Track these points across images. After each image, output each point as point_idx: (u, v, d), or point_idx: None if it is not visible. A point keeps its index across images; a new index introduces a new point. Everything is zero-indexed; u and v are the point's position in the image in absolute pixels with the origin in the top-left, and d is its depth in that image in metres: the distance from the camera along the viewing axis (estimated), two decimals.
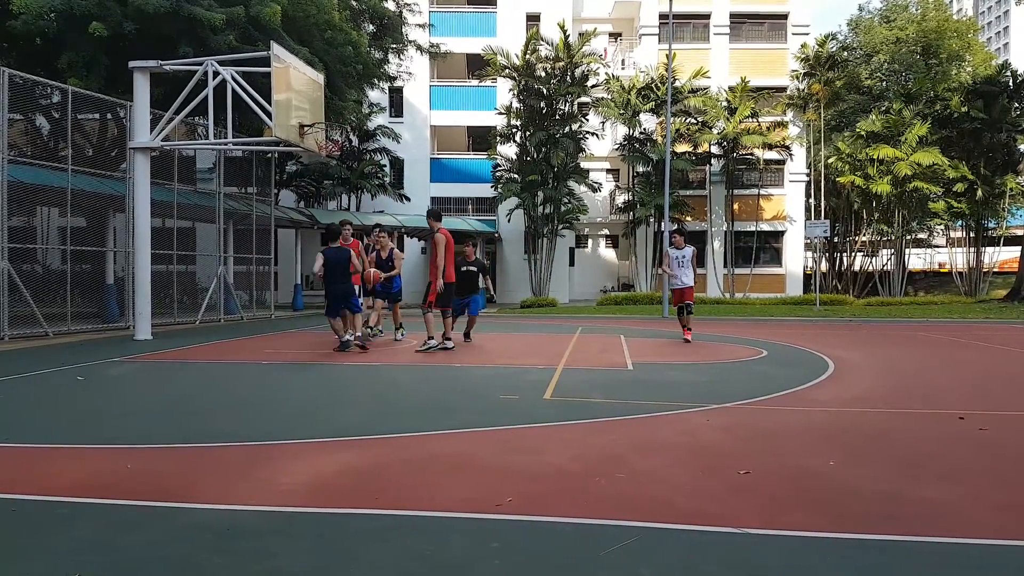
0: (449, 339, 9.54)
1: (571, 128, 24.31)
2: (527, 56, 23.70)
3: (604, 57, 26.51)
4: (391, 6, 20.54)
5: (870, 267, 32.48)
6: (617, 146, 26.69)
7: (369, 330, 10.76)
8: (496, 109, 25.26)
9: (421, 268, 28.03)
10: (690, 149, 26.44)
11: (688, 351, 10.06)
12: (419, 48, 22.25)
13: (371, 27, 19.85)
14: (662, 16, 25.54)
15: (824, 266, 32.93)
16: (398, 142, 25.73)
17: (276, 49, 10.60)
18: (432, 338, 9.34)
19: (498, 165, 25.11)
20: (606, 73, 25.93)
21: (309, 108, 11.53)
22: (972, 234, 29.61)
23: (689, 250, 10.91)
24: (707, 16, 27.97)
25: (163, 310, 13.95)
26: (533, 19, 27.39)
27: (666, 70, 21.41)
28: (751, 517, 3.00)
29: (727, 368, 8.20)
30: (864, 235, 32.02)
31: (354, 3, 18.35)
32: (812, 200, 30.37)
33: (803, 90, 27.74)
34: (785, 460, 3.99)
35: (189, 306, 15.34)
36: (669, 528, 2.87)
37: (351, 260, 9.12)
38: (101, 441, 4.37)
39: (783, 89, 28.06)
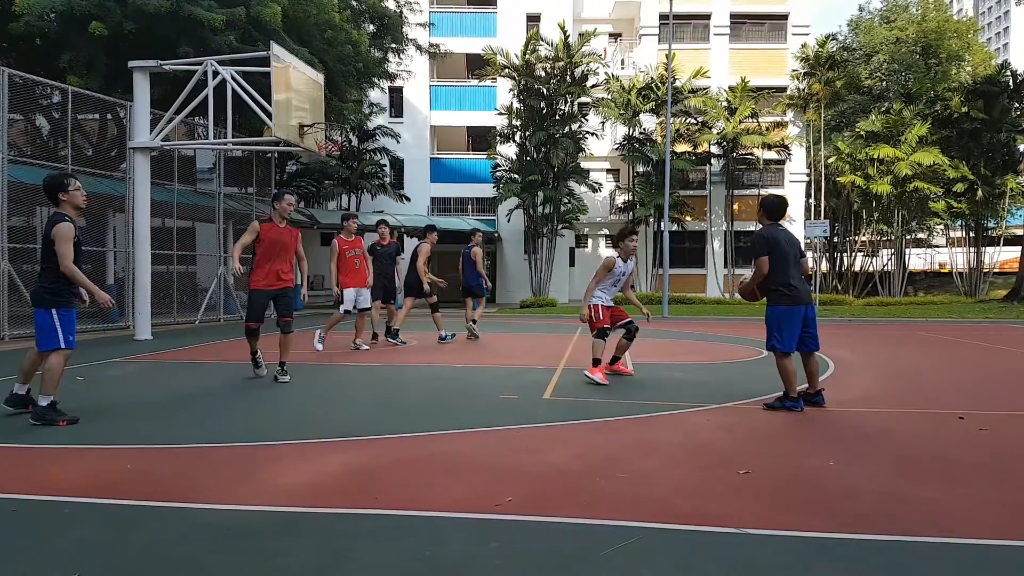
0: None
1: (571, 128, 24.30)
2: (527, 56, 23.69)
3: (604, 57, 26.50)
4: (391, 5, 20.54)
5: (870, 267, 32.51)
6: (617, 146, 26.69)
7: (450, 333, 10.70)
8: (496, 109, 25.25)
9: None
10: (690, 149, 26.43)
11: (689, 351, 10.05)
12: (419, 48, 22.25)
13: (371, 27, 19.85)
14: (662, 16, 25.55)
15: (824, 266, 32.94)
16: (398, 142, 25.72)
17: (276, 49, 10.60)
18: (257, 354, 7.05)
19: (498, 165, 25.12)
20: (606, 73, 25.92)
21: (309, 108, 11.53)
22: (972, 234, 29.62)
23: (630, 265, 7.17)
24: (707, 16, 27.98)
25: (163, 310, 13.95)
26: (533, 19, 27.39)
27: (666, 70, 21.41)
28: (751, 517, 3.00)
29: (727, 368, 8.20)
30: (864, 235, 32.05)
31: (354, 3, 18.35)
32: (812, 200, 30.39)
33: (803, 90, 27.76)
34: (785, 460, 3.99)
35: (189, 306, 15.34)
36: (669, 528, 2.87)
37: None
38: (101, 441, 4.37)
39: (783, 89, 28.07)
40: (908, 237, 30.03)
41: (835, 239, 33.63)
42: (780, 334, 5.38)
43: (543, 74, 24.01)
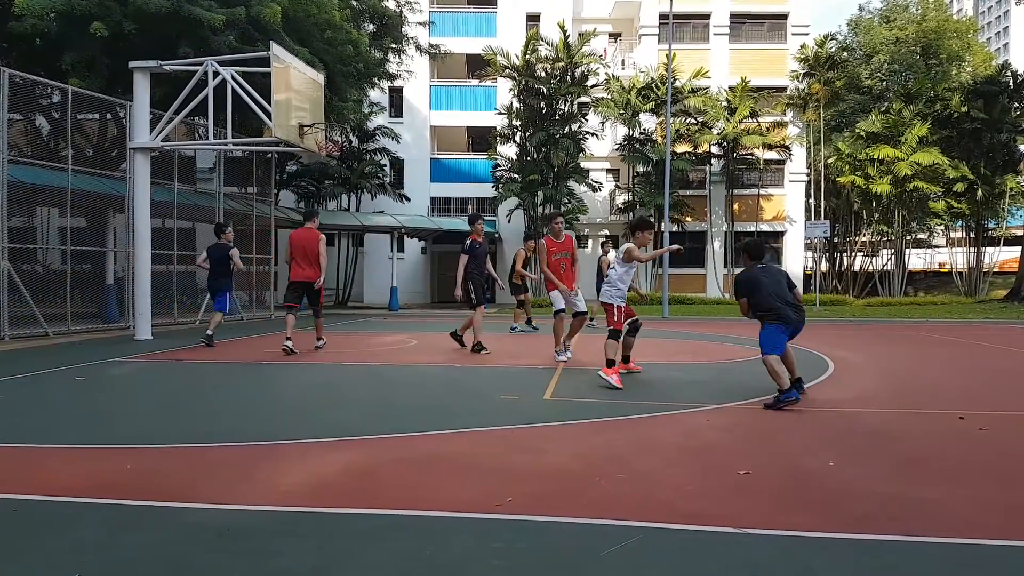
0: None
1: (571, 128, 24.29)
2: (527, 56, 23.69)
3: (604, 57, 26.49)
4: (391, 5, 20.54)
5: (870, 267, 32.50)
6: (617, 146, 26.68)
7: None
8: (496, 109, 25.25)
9: (420, 268, 28.04)
10: (690, 149, 26.42)
11: (689, 351, 10.06)
12: (419, 48, 22.26)
13: (371, 27, 19.85)
14: (662, 16, 25.53)
15: (824, 266, 32.92)
16: (398, 142, 25.72)
17: (276, 49, 10.59)
18: None
19: (498, 165, 25.11)
20: (606, 73, 25.92)
21: (309, 108, 11.52)
22: (972, 234, 29.62)
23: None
24: (707, 16, 27.96)
25: (163, 310, 13.95)
26: (533, 19, 27.39)
27: (666, 70, 21.41)
28: (751, 517, 2.99)
29: (727, 368, 8.20)
30: (864, 235, 32.02)
31: (354, 3, 18.34)
32: (812, 200, 30.36)
33: (803, 90, 27.74)
34: (785, 460, 3.98)
35: (189, 306, 15.34)
36: (669, 528, 2.87)
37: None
38: (101, 441, 4.37)
39: (783, 89, 28.05)
40: (908, 237, 30.01)
41: (835, 239, 33.60)
42: (771, 345, 5.85)
43: (543, 74, 23.99)
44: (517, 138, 24.53)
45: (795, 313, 5.97)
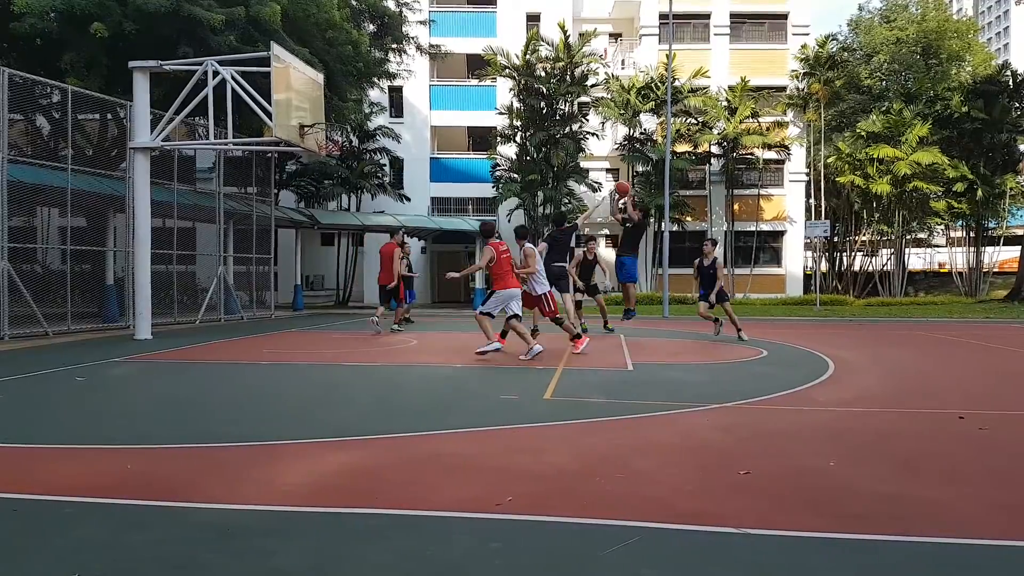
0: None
1: (571, 128, 24.27)
2: (527, 56, 23.67)
3: (604, 57, 26.48)
4: (391, 5, 20.54)
5: (870, 267, 32.47)
6: (617, 146, 26.68)
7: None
8: (496, 109, 25.23)
9: (420, 268, 28.04)
10: (690, 149, 26.40)
11: (689, 351, 10.06)
12: (419, 48, 22.25)
13: (371, 26, 19.85)
14: (662, 16, 25.51)
15: (824, 266, 32.89)
16: (398, 142, 25.71)
17: (276, 49, 10.60)
18: None
19: (498, 165, 25.10)
20: (606, 73, 25.91)
21: (309, 108, 11.53)
22: (972, 234, 29.60)
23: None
24: (707, 16, 27.94)
25: (163, 310, 13.94)
26: (533, 19, 27.37)
27: (666, 70, 21.40)
28: (751, 517, 2.99)
29: (727, 368, 8.20)
30: (864, 235, 32.00)
31: (354, 2, 18.33)
32: (812, 200, 30.34)
33: (803, 90, 27.72)
34: (785, 460, 3.99)
35: (189, 306, 15.33)
36: (669, 528, 2.87)
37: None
38: (101, 441, 4.37)
39: (783, 89, 28.02)
40: (908, 237, 30.00)
41: (835, 239, 33.58)
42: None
43: (543, 74, 23.97)
44: (517, 138, 24.51)
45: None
